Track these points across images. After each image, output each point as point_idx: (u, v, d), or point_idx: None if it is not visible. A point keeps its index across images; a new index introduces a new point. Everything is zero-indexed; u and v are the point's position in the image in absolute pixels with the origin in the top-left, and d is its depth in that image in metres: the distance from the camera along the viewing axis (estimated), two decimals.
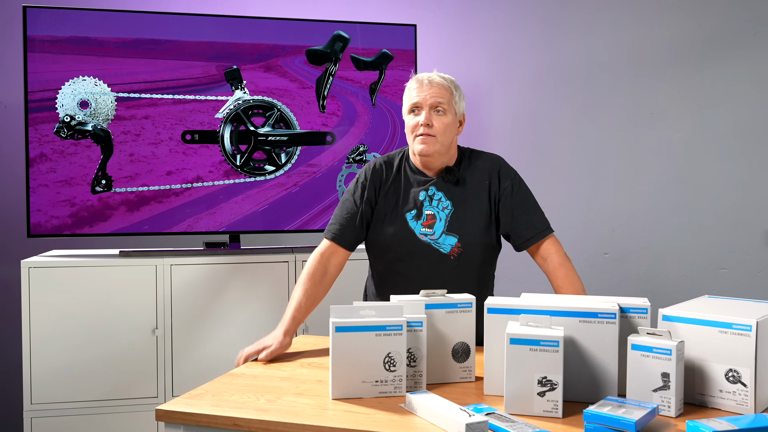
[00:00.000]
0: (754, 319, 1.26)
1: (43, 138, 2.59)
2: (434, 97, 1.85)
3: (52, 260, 2.53)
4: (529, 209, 1.90)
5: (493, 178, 1.91)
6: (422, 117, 1.84)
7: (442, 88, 1.86)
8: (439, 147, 1.86)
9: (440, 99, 1.85)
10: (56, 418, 2.49)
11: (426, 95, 1.85)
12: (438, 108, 1.85)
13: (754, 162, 3.05)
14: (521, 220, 1.89)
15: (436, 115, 1.85)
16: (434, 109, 1.85)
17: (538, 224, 1.89)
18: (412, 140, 1.88)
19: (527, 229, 1.88)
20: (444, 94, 1.86)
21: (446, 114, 1.86)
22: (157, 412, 1.34)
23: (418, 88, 1.86)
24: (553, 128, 3.19)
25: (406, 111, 1.90)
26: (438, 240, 1.86)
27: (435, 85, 1.86)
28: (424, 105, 1.85)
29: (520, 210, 1.89)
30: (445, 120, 1.86)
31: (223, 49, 2.74)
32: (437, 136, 1.84)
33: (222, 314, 2.64)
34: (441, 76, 1.89)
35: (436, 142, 1.85)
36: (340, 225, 1.91)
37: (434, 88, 1.86)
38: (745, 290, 3.04)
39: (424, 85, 1.86)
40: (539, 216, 1.91)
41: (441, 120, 1.85)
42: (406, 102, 1.91)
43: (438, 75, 1.89)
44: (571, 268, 1.86)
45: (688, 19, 3.07)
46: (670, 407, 1.26)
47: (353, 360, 1.38)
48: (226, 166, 2.75)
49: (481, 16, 3.21)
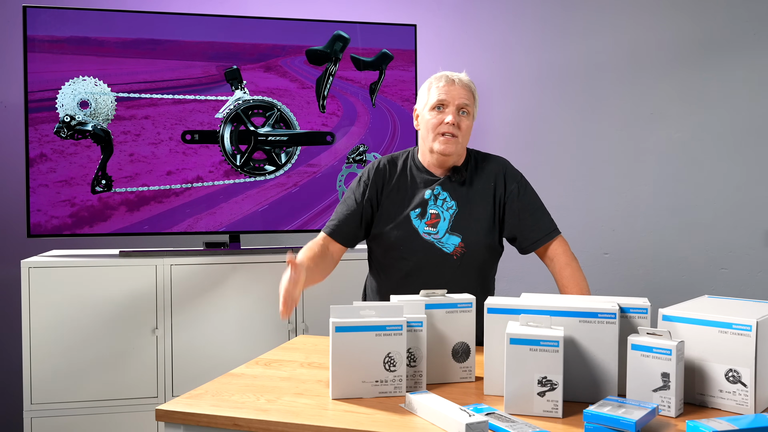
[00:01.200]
0: (754, 319, 1.26)
1: (43, 138, 2.60)
2: (462, 98, 1.84)
3: (52, 260, 2.53)
4: (535, 211, 1.90)
5: (499, 181, 1.91)
6: (450, 116, 1.82)
7: (469, 90, 1.86)
8: (459, 148, 1.86)
9: (467, 101, 1.85)
10: (56, 418, 2.49)
11: (455, 94, 1.83)
12: (463, 109, 1.85)
13: (753, 162, 3.05)
14: (528, 223, 1.89)
15: (461, 116, 1.85)
16: (461, 110, 1.84)
17: (545, 226, 1.89)
18: (433, 137, 1.85)
19: (534, 231, 1.89)
20: (470, 96, 1.86)
21: (469, 116, 1.86)
22: (157, 412, 1.33)
23: (447, 85, 1.84)
24: (553, 128, 3.19)
25: (430, 106, 1.85)
26: (441, 239, 1.86)
27: (464, 84, 1.86)
28: (452, 104, 1.83)
29: (527, 212, 1.89)
30: (468, 122, 1.86)
31: (223, 49, 2.74)
32: (459, 138, 1.84)
33: (222, 314, 2.64)
34: (467, 77, 1.88)
35: (458, 143, 1.84)
36: (339, 221, 1.91)
37: (463, 89, 1.85)
38: (745, 290, 3.04)
39: (455, 84, 1.84)
40: (546, 218, 1.91)
41: (465, 122, 1.85)
42: (429, 97, 1.86)
43: (465, 75, 1.89)
44: (578, 268, 1.86)
45: (688, 19, 3.07)
46: (670, 407, 1.26)
47: (353, 360, 1.38)
48: (226, 166, 2.75)
49: (481, 16, 3.21)
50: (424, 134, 1.89)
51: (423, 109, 1.89)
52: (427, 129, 1.86)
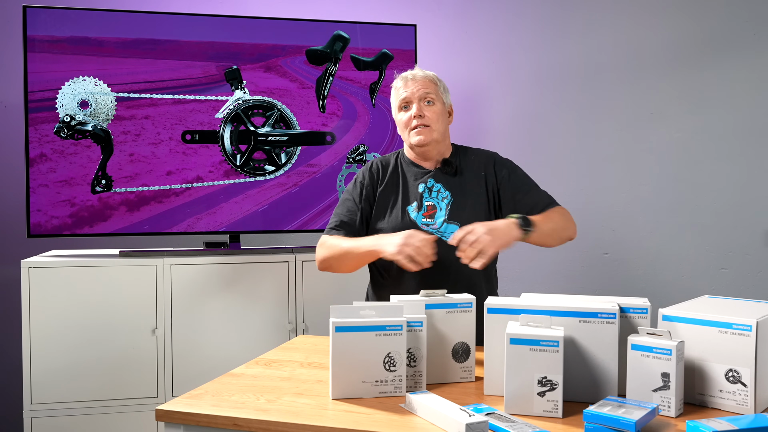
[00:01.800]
0: (754, 319, 1.26)
1: (43, 138, 2.59)
2: (421, 89, 1.91)
3: (52, 260, 2.53)
4: (530, 190, 1.93)
5: (489, 170, 1.96)
6: (413, 110, 1.90)
7: (426, 80, 1.94)
8: (435, 135, 1.91)
9: (428, 90, 1.92)
10: (56, 418, 2.49)
11: (413, 89, 1.91)
12: (427, 99, 1.92)
13: (753, 162, 3.05)
14: (524, 202, 1.91)
15: (426, 106, 1.91)
16: (424, 101, 1.91)
17: (542, 201, 1.91)
18: (408, 135, 1.93)
19: (533, 208, 1.89)
20: (430, 85, 1.93)
21: (435, 103, 1.93)
22: (157, 412, 1.34)
23: (404, 84, 1.93)
24: (552, 128, 3.19)
25: (397, 109, 1.96)
26: (440, 229, 1.89)
27: (419, 78, 1.93)
28: (413, 98, 1.91)
29: (521, 192, 1.93)
30: (435, 109, 1.92)
31: (223, 49, 2.74)
32: (431, 125, 1.90)
33: (222, 314, 2.64)
34: (423, 71, 1.96)
35: (432, 131, 1.90)
36: (341, 220, 1.93)
37: (419, 81, 1.93)
38: (745, 290, 3.04)
39: (410, 81, 1.93)
40: (541, 193, 1.93)
41: (432, 109, 1.92)
42: (394, 101, 1.97)
43: (420, 70, 1.97)
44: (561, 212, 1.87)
45: (688, 19, 3.07)
46: (670, 407, 1.26)
47: (353, 360, 1.38)
48: (226, 166, 2.75)
49: (481, 16, 3.21)
50: (402, 135, 1.98)
51: (396, 115, 1.98)
52: (401, 129, 1.96)
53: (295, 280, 2.69)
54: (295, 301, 2.69)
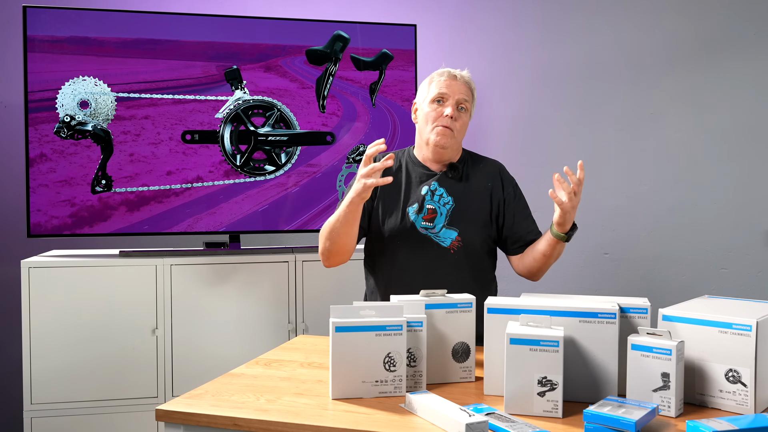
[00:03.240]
0: (754, 319, 1.26)
1: (43, 138, 2.59)
2: (462, 93, 1.90)
3: (52, 260, 2.53)
4: (528, 216, 1.99)
5: (496, 182, 1.96)
6: (449, 109, 1.87)
7: (469, 88, 1.92)
8: (453, 143, 1.90)
9: (466, 97, 1.91)
10: (56, 418, 2.49)
11: (456, 89, 1.89)
12: (462, 105, 1.90)
13: (754, 162, 3.05)
14: (522, 225, 1.95)
15: (459, 111, 1.90)
16: (458, 106, 1.89)
17: (535, 230, 1.97)
18: (430, 129, 1.89)
19: (528, 233, 1.95)
20: (469, 93, 1.92)
21: (466, 113, 1.92)
22: (157, 412, 1.34)
23: (449, 80, 1.90)
24: (552, 128, 3.19)
25: (430, 99, 1.90)
26: (438, 234, 1.89)
27: (465, 82, 1.92)
28: (452, 98, 1.88)
29: (521, 216, 1.96)
30: (464, 119, 1.92)
31: (223, 49, 2.74)
32: (455, 132, 1.89)
33: (222, 314, 2.64)
34: (468, 75, 1.94)
35: (453, 137, 1.89)
36: None
37: (464, 85, 1.91)
38: (745, 290, 3.04)
39: (456, 79, 1.90)
40: (534, 222, 2.00)
41: (462, 118, 1.91)
42: (430, 90, 1.91)
43: (467, 72, 1.94)
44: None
45: (688, 19, 3.07)
46: (670, 407, 1.26)
47: (353, 360, 1.38)
48: (226, 166, 2.75)
49: (481, 16, 3.21)
50: (421, 126, 1.94)
51: (423, 102, 1.93)
52: (425, 120, 1.91)
53: (295, 280, 2.69)
54: (295, 301, 2.69)
